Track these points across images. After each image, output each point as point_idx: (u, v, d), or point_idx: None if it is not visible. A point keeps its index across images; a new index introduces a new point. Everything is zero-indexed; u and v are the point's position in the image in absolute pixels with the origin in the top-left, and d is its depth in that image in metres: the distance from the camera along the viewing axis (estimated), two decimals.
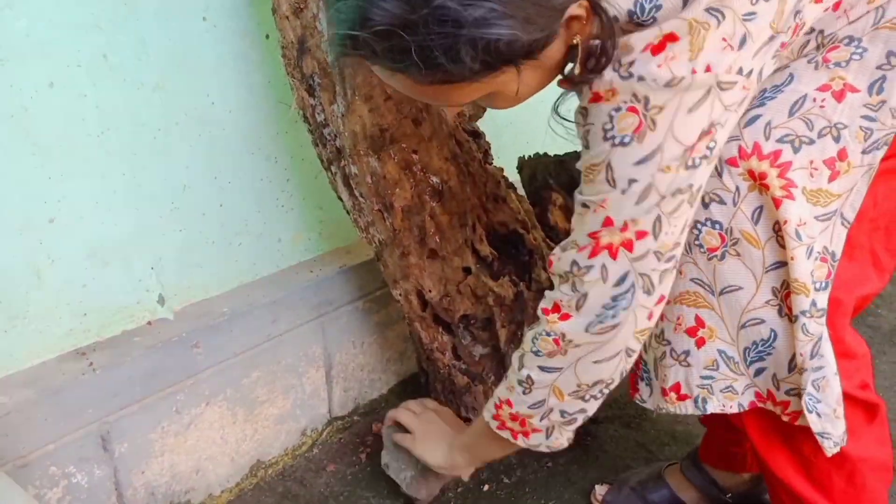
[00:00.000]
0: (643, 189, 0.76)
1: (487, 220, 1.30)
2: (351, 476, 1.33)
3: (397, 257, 1.22)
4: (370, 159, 1.13)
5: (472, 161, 1.26)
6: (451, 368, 1.31)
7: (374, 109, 1.10)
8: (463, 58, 0.66)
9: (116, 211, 1.09)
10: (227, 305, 1.22)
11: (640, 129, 0.73)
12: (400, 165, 1.15)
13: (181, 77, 1.12)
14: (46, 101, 0.98)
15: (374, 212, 1.18)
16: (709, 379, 0.91)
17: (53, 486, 1.02)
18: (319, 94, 1.13)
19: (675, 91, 0.71)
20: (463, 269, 1.25)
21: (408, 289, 1.26)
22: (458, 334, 1.30)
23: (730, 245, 0.83)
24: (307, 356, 1.35)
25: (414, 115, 1.14)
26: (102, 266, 1.09)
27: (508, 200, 1.32)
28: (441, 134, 1.19)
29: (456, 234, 1.22)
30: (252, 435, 1.28)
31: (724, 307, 0.86)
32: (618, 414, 1.49)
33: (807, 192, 0.81)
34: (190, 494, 1.21)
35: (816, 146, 0.80)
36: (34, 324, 1.03)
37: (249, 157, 1.25)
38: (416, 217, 1.18)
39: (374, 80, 1.07)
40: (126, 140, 1.08)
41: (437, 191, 1.19)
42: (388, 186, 1.15)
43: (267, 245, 1.32)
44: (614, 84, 0.73)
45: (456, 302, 1.26)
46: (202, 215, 1.20)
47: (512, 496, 1.27)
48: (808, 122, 0.80)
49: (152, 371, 1.10)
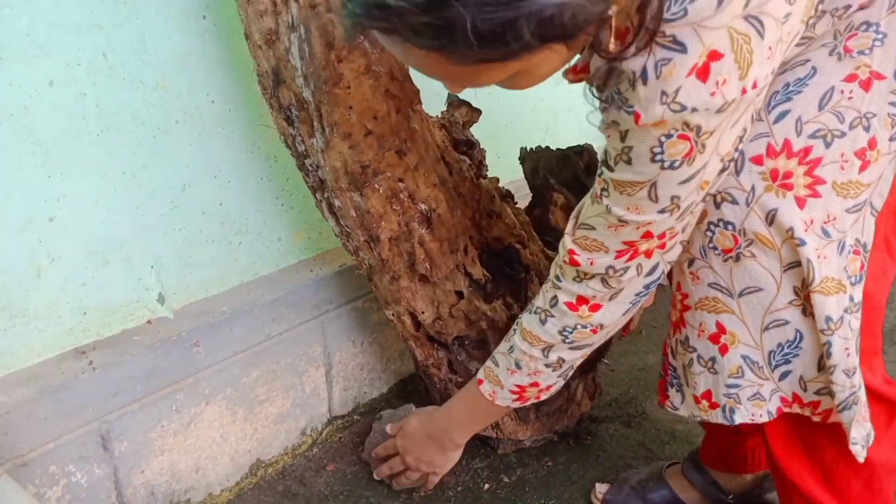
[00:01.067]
0: (686, 206, 0.78)
1: (481, 237, 1.29)
2: (351, 475, 1.33)
3: (387, 282, 1.20)
4: (353, 195, 1.10)
5: (464, 182, 1.24)
6: (448, 382, 1.31)
7: (354, 146, 1.06)
8: (522, 33, 0.57)
9: (116, 210, 1.09)
10: (227, 304, 1.22)
11: (690, 154, 0.72)
12: (385, 196, 1.11)
13: (181, 76, 1.12)
14: (47, 100, 0.98)
15: (361, 242, 1.16)
16: (735, 388, 0.89)
17: (53, 484, 1.02)
18: (298, 126, 1.10)
19: (726, 114, 0.70)
20: (455, 292, 1.23)
21: (400, 311, 1.24)
22: (453, 351, 1.29)
23: (744, 246, 0.82)
24: (307, 355, 1.35)
25: (398, 147, 1.10)
26: (102, 265, 1.09)
27: (503, 215, 1.30)
28: (427, 160, 1.15)
29: (447, 259, 1.19)
30: (252, 434, 1.28)
31: (744, 309, 0.85)
32: (618, 413, 1.49)
33: (837, 185, 0.79)
34: (190, 493, 1.21)
35: (848, 138, 0.79)
36: (34, 322, 1.03)
37: (249, 155, 1.25)
38: (404, 244, 1.16)
39: (353, 117, 1.04)
40: (126, 139, 1.08)
41: (426, 218, 1.15)
42: (373, 220, 1.12)
43: (267, 244, 1.32)
44: (665, 117, 0.69)
45: (449, 325, 1.24)
46: (202, 214, 1.20)
47: (512, 495, 1.27)
48: (838, 115, 0.79)
49: (152, 370, 1.10)
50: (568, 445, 1.40)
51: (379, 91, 1.05)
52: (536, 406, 1.32)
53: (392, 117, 1.08)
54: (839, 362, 0.81)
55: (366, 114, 1.05)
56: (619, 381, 1.61)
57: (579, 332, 0.91)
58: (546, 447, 1.39)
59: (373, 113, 1.05)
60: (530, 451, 1.38)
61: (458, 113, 1.32)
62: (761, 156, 0.80)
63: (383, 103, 1.06)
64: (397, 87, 1.08)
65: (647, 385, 1.58)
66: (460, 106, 1.33)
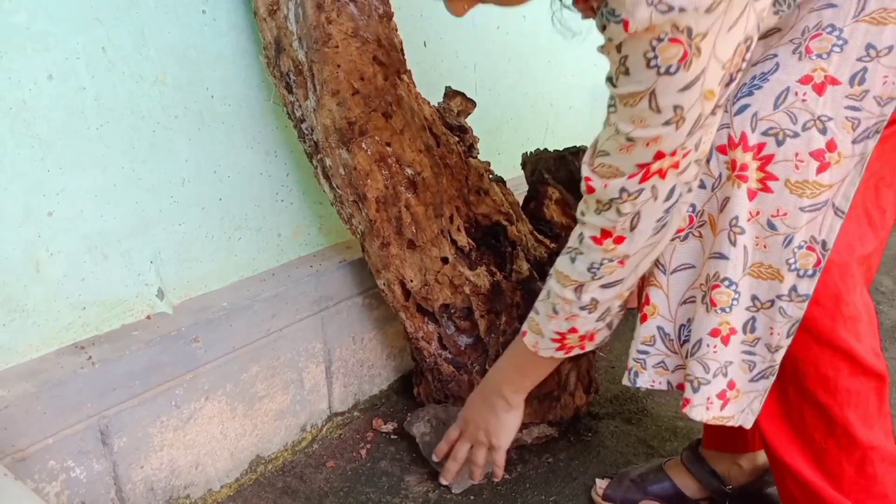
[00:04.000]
0: (693, 119, 0.77)
1: (469, 211, 1.32)
2: (351, 472, 1.33)
3: (378, 247, 1.25)
4: (341, 151, 1.16)
5: (451, 154, 1.28)
6: (437, 358, 1.33)
7: (342, 103, 1.13)
8: None
9: (116, 204, 1.08)
10: (227, 300, 1.22)
11: (685, 58, 0.72)
12: (373, 158, 1.17)
13: (181, 71, 1.12)
14: (46, 94, 0.98)
15: (351, 202, 1.21)
16: (644, 354, 0.99)
17: (52, 479, 1.02)
18: (296, 91, 1.17)
19: (717, 14, 0.70)
20: (441, 258, 1.27)
21: (390, 279, 1.28)
22: (442, 324, 1.32)
23: (696, 227, 0.90)
24: (307, 351, 1.34)
25: (384, 109, 1.16)
26: (102, 260, 1.08)
27: (491, 193, 1.34)
28: (413, 126, 1.21)
29: (432, 224, 1.24)
30: (252, 430, 1.28)
31: (672, 284, 0.93)
32: (618, 410, 1.49)
33: (790, 184, 0.83)
34: (189, 489, 1.20)
35: (801, 139, 0.82)
36: (33, 317, 1.03)
37: (249, 151, 1.24)
38: (392, 208, 1.21)
39: (341, 75, 1.11)
40: (125, 133, 1.07)
41: (412, 182, 1.21)
42: (360, 178, 1.17)
43: (266, 240, 1.32)
44: (653, 20, 0.70)
45: (434, 291, 1.28)
46: (202, 209, 1.20)
47: (512, 492, 1.27)
48: (791, 115, 0.82)
49: (151, 365, 1.10)
50: (569, 442, 1.39)
51: (366, 54, 1.14)
52: None
53: (378, 80, 1.15)
54: (762, 336, 0.89)
55: (353, 73, 1.12)
56: (619, 377, 1.61)
57: (606, 266, 0.91)
58: (547, 444, 1.39)
59: (359, 74, 1.13)
60: (531, 448, 1.38)
61: (454, 102, 1.35)
62: (724, 146, 0.85)
63: (370, 66, 1.14)
64: (384, 54, 1.16)
65: None
66: (455, 96, 1.36)
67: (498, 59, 1.81)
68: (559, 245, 1.41)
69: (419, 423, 1.33)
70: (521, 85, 1.91)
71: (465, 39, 1.69)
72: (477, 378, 1.32)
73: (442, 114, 1.32)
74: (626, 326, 1.84)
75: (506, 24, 1.80)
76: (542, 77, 1.98)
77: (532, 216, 1.42)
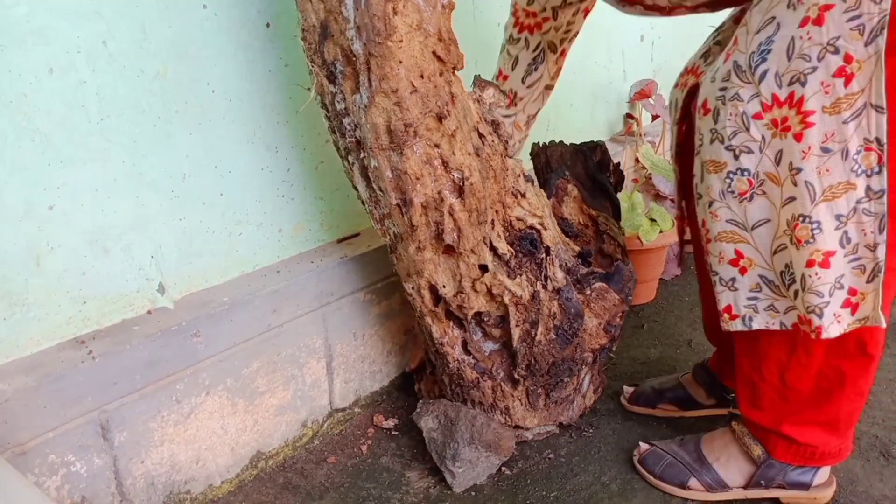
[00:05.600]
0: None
1: (506, 215, 1.27)
2: (352, 467, 1.33)
3: (413, 252, 1.19)
4: (391, 154, 1.09)
5: (495, 155, 1.22)
6: (461, 363, 1.30)
7: (399, 103, 1.04)
8: None
9: (117, 198, 1.08)
10: (228, 295, 1.22)
11: None
12: (422, 160, 1.10)
13: (181, 65, 1.12)
14: (46, 88, 0.98)
15: (393, 206, 1.14)
16: (753, 300, 1.07)
17: (52, 474, 1.01)
18: (341, 83, 1.08)
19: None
20: (479, 266, 1.22)
21: (421, 283, 1.23)
22: (469, 330, 1.28)
23: (757, 187, 0.99)
24: (308, 347, 1.34)
25: (439, 111, 1.09)
26: (102, 254, 1.08)
27: (528, 195, 1.29)
28: (465, 128, 1.15)
29: (475, 231, 1.18)
30: (252, 426, 1.28)
31: (757, 239, 1.03)
32: (619, 407, 1.48)
33: (826, 109, 0.91)
34: (190, 485, 1.20)
35: (821, 69, 0.91)
36: (33, 311, 1.03)
37: (249, 146, 1.24)
38: (434, 213, 1.14)
39: (401, 72, 1.03)
40: (126, 127, 1.07)
41: (458, 186, 1.15)
42: (410, 182, 1.10)
43: (268, 235, 1.32)
44: None
45: (470, 299, 1.23)
46: (202, 204, 1.20)
47: (513, 487, 1.27)
48: (805, 56, 0.91)
49: (152, 360, 1.10)
50: (570, 438, 1.39)
51: (427, 50, 1.05)
52: (546, 393, 1.32)
53: (436, 78, 1.07)
54: (859, 241, 0.97)
55: (413, 70, 1.04)
56: (621, 374, 1.61)
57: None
58: (547, 440, 1.38)
59: (420, 71, 1.05)
60: (531, 444, 1.37)
61: (486, 94, 1.29)
62: (759, 112, 0.95)
63: (431, 63, 1.06)
64: (444, 49, 1.07)
65: (649, 378, 1.58)
66: (487, 86, 1.30)
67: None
68: (581, 245, 1.39)
69: (428, 416, 1.32)
70: None
71: (466, 34, 1.69)
72: (502, 385, 1.30)
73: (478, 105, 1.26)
74: (627, 323, 1.85)
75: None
76: None
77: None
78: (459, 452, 1.24)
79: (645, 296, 1.95)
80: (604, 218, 1.41)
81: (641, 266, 1.87)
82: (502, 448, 1.27)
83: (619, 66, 2.32)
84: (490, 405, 1.32)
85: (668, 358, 1.68)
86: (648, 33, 2.42)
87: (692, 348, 1.72)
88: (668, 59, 2.54)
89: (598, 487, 1.26)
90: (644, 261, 1.87)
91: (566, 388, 1.32)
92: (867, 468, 1.28)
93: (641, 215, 1.85)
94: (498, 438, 1.26)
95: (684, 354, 1.69)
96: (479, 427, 1.26)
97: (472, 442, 1.25)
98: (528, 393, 1.31)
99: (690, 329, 1.81)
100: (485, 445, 1.25)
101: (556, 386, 1.31)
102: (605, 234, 1.41)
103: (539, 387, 1.31)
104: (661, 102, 2.23)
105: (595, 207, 1.43)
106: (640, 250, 1.84)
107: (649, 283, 1.94)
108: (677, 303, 1.95)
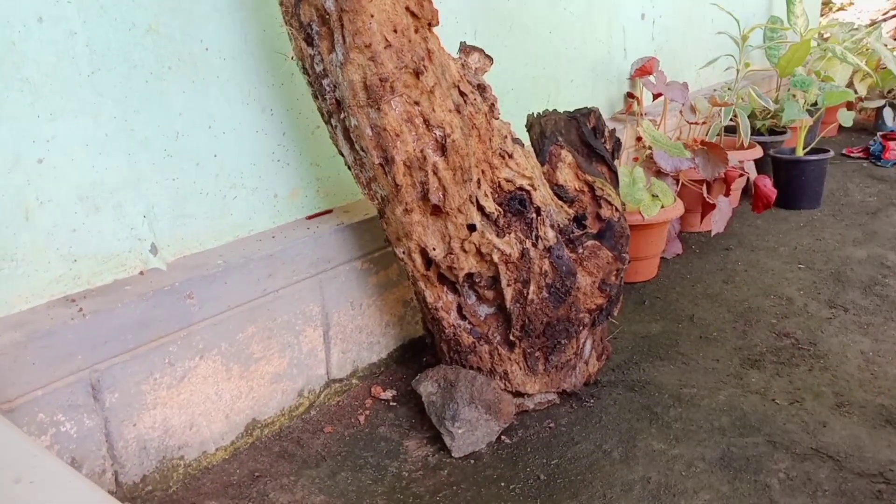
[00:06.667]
0: None
1: (493, 176, 1.26)
2: (349, 437, 1.30)
3: (400, 214, 1.18)
4: (370, 111, 1.08)
5: (478, 113, 1.21)
6: (457, 328, 1.28)
7: (374, 58, 1.05)
8: None
9: (108, 155, 1.06)
10: (222, 257, 1.19)
11: None
12: (402, 118, 1.10)
13: (174, 20, 1.10)
14: (35, 37, 0.95)
15: (376, 166, 1.13)
16: None
17: (41, 433, 0.99)
18: (318, 44, 1.08)
19: None
20: (468, 226, 1.21)
21: (411, 247, 1.22)
22: (462, 293, 1.27)
23: None
24: (304, 314, 1.32)
25: (415, 66, 1.08)
26: (94, 211, 1.06)
27: (515, 156, 1.28)
28: (444, 84, 1.14)
29: (460, 189, 1.18)
30: (247, 392, 1.26)
31: None
32: (621, 378, 1.46)
33: None
34: (183, 450, 1.18)
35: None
36: (22, 267, 1.00)
37: (244, 107, 1.22)
38: (418, 172, 1.13)
39: (374, 26, 1.03)
40: (118, 82, 1.05)
41: (440, 145, 1.14)
42: (389, 139, 1.10)
43: (263, 199, 1.30)
44: None
45: (460, 259, 1.22)
46: (196, 165, 1.17)
47: (513, 455, 1.24)
48: None
49: (144, 320, 1.07)
50: (570, 408, 1.37)
51: (400, 4, 1.05)
52: (545, 357, 1.30)
53: (410, 34, 1.07)
54: None
55: (386, 25, 1.04)
56: (623, 348, 1.58)
57: None
58: (548, 410, 1.36)
59: (392, 25, 1.05)
60: (532, 414, 1.35)
61: (471, 59, 1.28)
62: None
63: (403, 17, 1.06)
64: (417, 4, 1.08)
65: (651, 352, 1.55)
66: (472, 51, 1.29)
67: (499, 29, 1.78)
68: (576, 210, 1.38)
69: (427, 381, 1.30)
70: (522, 55, 1.89)
71: (466, 5, 1.67)
72: (499, 348, 1.28)
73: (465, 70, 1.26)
74: (629, 299, 1.82)
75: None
76: (543, 49, 1.96)
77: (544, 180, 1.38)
78: (459, 412, 1.22)
79: (646, 273, 1.92)
80: (600, 183, 1.39)
81: (642, 242, 1.84)
82: (502, 412, 1.25)
83: (620, 44, 2.29)
84: (489, 370, 1.30)
85: (670, 332, 1.65)
86: (649, 12, 2.39)
87: (694, 323, 1.69)
88: (668, 39, 2.52)
89: (600, 455, 1.24)
90: (645, 236, 1.85)
91: (565, 351, 1.29)
92: (874, 436, 1.26)
93: (643, 190, 1.83)
94: (498, 400, 1.24)
95: (686, 329, 1.67)
96: (478, 387, 1.24)
97: (472, 402, 1.23)
98: (526, 356, 1.29)
99: (692, 305, 1.78)
100: (485, 406, 1.23)
101: (555, 349, 1.29)
102: (602, 199, 1.38)
103: (536, 349, 1.29)
104: (662, 80, 2.21)
105: (591, 173, 1.41)
106: (641, 225, 1.81)
107: (650, 260, 1.92)
108: (679, 280, 1.93)
